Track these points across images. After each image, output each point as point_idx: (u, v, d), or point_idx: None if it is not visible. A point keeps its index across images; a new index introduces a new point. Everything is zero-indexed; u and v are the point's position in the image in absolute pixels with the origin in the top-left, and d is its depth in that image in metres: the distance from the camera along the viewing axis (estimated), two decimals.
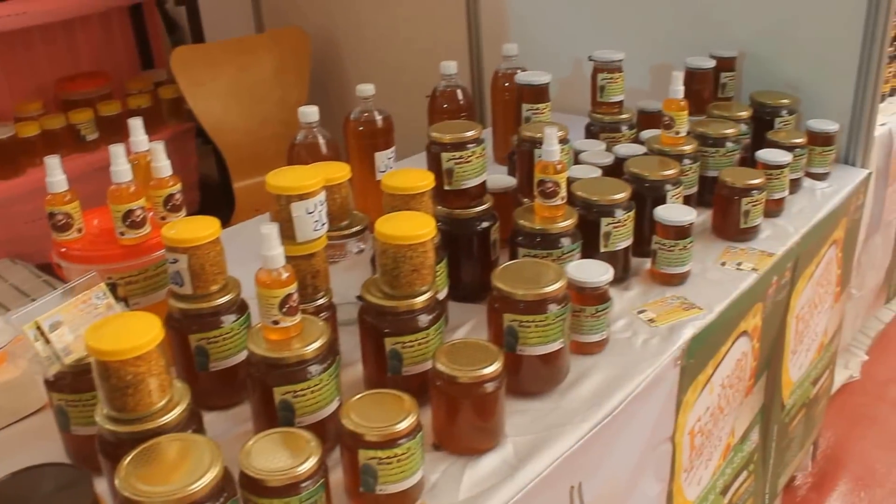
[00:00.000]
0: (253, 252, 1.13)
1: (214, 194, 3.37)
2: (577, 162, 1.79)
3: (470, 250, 1.48)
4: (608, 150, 1.84)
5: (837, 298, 2.16)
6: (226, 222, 2.98)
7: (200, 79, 3.03)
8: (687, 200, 1.75)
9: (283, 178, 1.24)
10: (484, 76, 2.76)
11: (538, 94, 1.82)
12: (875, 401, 2.82)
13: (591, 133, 1.97)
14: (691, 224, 1.54)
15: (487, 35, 2.77)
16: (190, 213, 3.62)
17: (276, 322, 1.10)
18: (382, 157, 1.72)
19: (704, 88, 2.10)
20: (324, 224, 1.27)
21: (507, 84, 2.01)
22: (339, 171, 1.40)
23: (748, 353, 1.68)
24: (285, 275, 1.10)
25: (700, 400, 1.52)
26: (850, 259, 2.21)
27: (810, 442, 2.39)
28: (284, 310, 1.10)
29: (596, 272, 1.33)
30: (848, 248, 2.14)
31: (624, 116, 1.95)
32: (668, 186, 1.62)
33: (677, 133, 1.74)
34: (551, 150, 1.38)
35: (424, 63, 2.06)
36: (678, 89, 1.73)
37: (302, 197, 1.23)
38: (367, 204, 1.64)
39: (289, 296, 1.10)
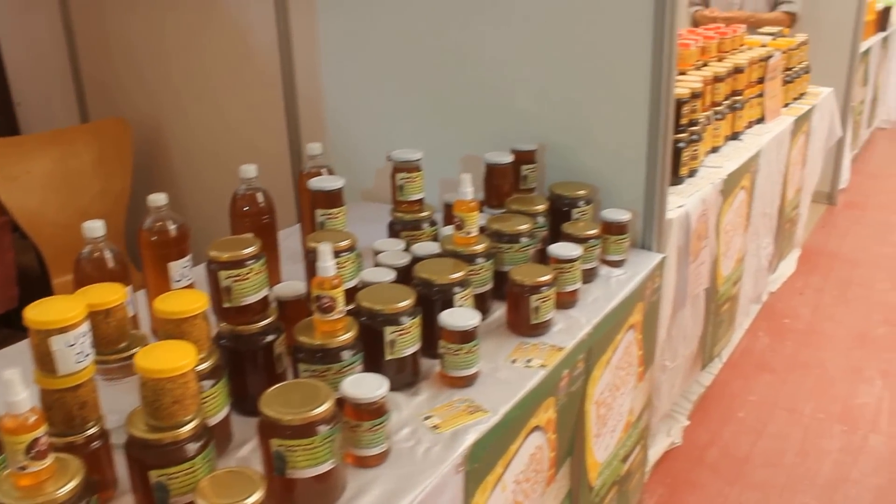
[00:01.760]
0: None
1: (35, 288, 3.24)
2: (376, 264, 1.82)
3: (254, 365, 1.47)
4: (407, 249, 1.87)
5: (641, 378, 2.25)
6: None
7: (13, 172, 2.94)
8: (482, 297, 1.80)
9: (41, 312, 1.21)
10: None
11: (331, 199, 1.84)
12: (695, 465, 2.93)
13: (393, 231, 2.00)
14: (475, 328, 1.58)
15: (306, 130, 2.80)
16: (9, 311, 3.43)
17: (23, 468, 1.07)
18: (177, 267, 1.70)
19: (504, 182, 2.16)
20: (88, 355, 1.24)
21: None
22: (114, 295, 1.38)
23: (543, 446, 1.73)
24: (32, 419, 1.07)
25: (492, 499, 1.54)
26: (652, 339, 2.31)
27: None
28: (32, 454, 1.07)
29: (371, 387, 1.34)
30: (648, 330, 2.24)
31: (424, 214, 1.99)
32: (457, 289, 1.66)
33: (468, 233, 1.79)
34: (326, 267, 1.40)
35: (249, 156, 2.06)
36: (467, 191, 1.78)
37: (62, 330, 1.20)
38: None
39: (36, 440, 1.07)
